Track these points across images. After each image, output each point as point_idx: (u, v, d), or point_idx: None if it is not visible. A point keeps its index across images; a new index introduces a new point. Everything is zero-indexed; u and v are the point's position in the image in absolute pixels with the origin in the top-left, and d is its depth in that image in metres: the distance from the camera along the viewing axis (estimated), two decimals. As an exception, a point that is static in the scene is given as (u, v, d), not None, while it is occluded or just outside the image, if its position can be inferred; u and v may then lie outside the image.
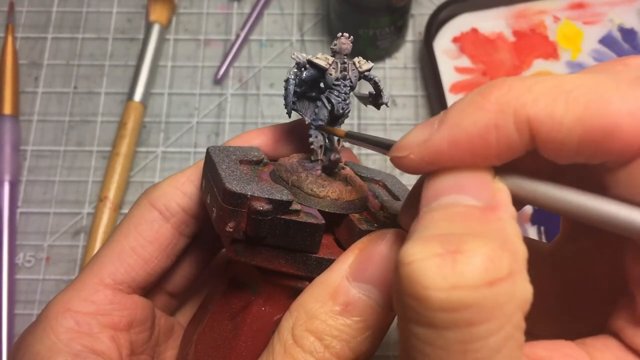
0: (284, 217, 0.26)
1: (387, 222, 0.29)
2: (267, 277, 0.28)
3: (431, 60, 0.55)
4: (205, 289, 0.36)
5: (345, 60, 0.29)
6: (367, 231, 0.27)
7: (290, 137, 0.33)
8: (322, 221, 0.27)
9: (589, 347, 0.22)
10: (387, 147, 0.24)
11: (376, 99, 0.31)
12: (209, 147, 0.29)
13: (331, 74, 0.29)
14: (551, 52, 0.58)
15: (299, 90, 0.30)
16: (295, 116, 0.31)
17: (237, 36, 0.60)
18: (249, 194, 0.25)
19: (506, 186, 0.21)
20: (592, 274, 0.26)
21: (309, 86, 0.30)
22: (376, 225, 0.28)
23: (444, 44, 0.58)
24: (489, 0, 0.59)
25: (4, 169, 0.54)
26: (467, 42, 0.58)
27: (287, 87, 0.29)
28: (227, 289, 0.30)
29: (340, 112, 0.29)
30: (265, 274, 0.28)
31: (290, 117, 0.31)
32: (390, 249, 0.25)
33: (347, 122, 0.31)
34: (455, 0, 0.58)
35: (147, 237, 0.31)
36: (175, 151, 0.57)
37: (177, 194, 0.31)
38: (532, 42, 0.58)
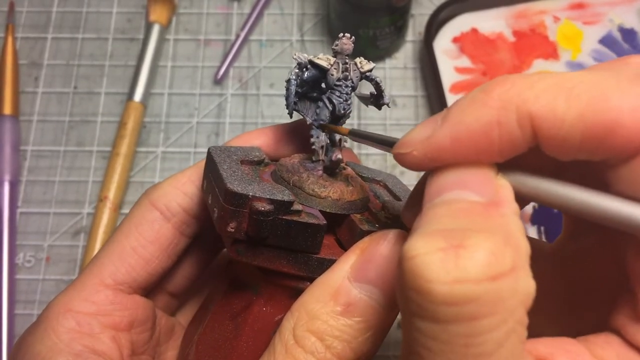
0: (285, 217, 0.26)
1: (388, 222, 0.29)
2: (268, 278, 0.28)
3: (431, 60, 0.55)
4: (206, 289, 0.36)
5: (346, 60, 0.29)
6: (368, 232, 0.27)
7: (291, 138, 0.33)
8: (324, 222, 0.27)
9: (591, 344, 0.22)
10: (390, 145, 0.24)
11: (377, 100, 0.31)
12: (210, 147, 0.29)
13: (333, 75, 0.29)
14: (551, 52, 0.58)
15: (300, 90, 0.30)
16: (296, 116, 0.31)
17: (237, 36, 0.60)
18: (250, 194, 0.25)
19: (509, 182, 0.21)
20: (594, 272, 0.26)
21: (311, 86, 0.30)
22: (377, 225, 0.28)
23: (444, 44, 0.58)
24: (489, 0, 0.59)
25: (4, 169, 0.54)
26: (467, 42, 0.58)
27: (288, 87, 0.29)
28: (228, 289, 0.30)
29: (341, 112, 0.29)
30: (266, 274, 0.28)
31: (291, 117, 0.31)
32: (391, 250, 0.25)
33: (347, 122, 0.31)
34: (455, 0, 0.58)
35: (148, 237, 0.31)
36: (175, 151, 0.57)
37: (178, 194, 0.31)
38: (532, 42, 0.58)
